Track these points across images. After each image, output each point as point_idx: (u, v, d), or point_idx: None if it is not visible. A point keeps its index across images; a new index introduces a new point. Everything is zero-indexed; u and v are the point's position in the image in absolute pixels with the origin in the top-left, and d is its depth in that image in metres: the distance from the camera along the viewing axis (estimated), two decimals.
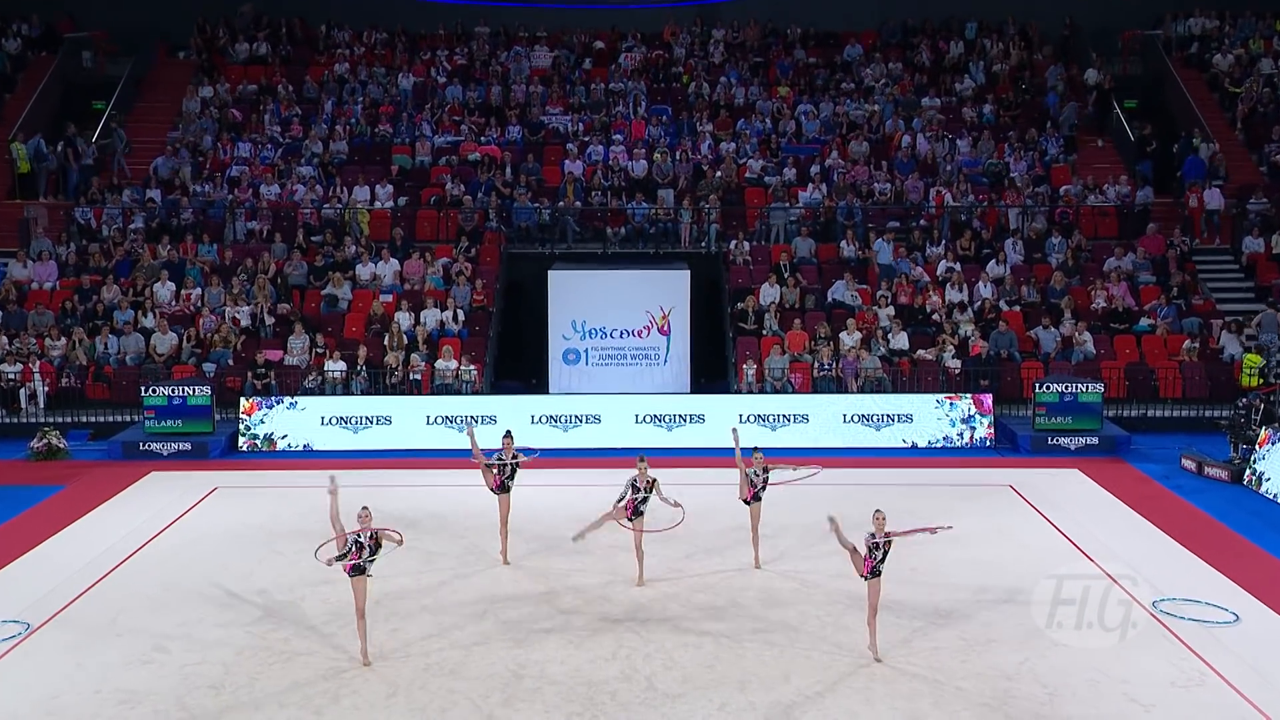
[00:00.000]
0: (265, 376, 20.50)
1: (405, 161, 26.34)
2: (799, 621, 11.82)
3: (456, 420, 19.49)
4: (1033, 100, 28.28)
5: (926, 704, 9.94)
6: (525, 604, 12.36)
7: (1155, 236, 24.09)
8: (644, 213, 24.62)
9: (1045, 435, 19.02)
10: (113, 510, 15.91)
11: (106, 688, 10.37)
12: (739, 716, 9.80)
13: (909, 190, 25.29)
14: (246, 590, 12.70)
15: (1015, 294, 22.66)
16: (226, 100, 28.06)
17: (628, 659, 10.96)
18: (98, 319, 21.92)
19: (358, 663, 10.78)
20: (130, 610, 12.16)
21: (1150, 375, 20.87)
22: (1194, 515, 15.54)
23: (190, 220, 24.63)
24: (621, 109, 28.01)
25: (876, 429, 19.52)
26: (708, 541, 14.36)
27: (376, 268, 23.33)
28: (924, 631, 11.50)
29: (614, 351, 21.72)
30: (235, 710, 9.95)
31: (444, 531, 14.85)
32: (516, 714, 9.86)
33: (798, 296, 22.64)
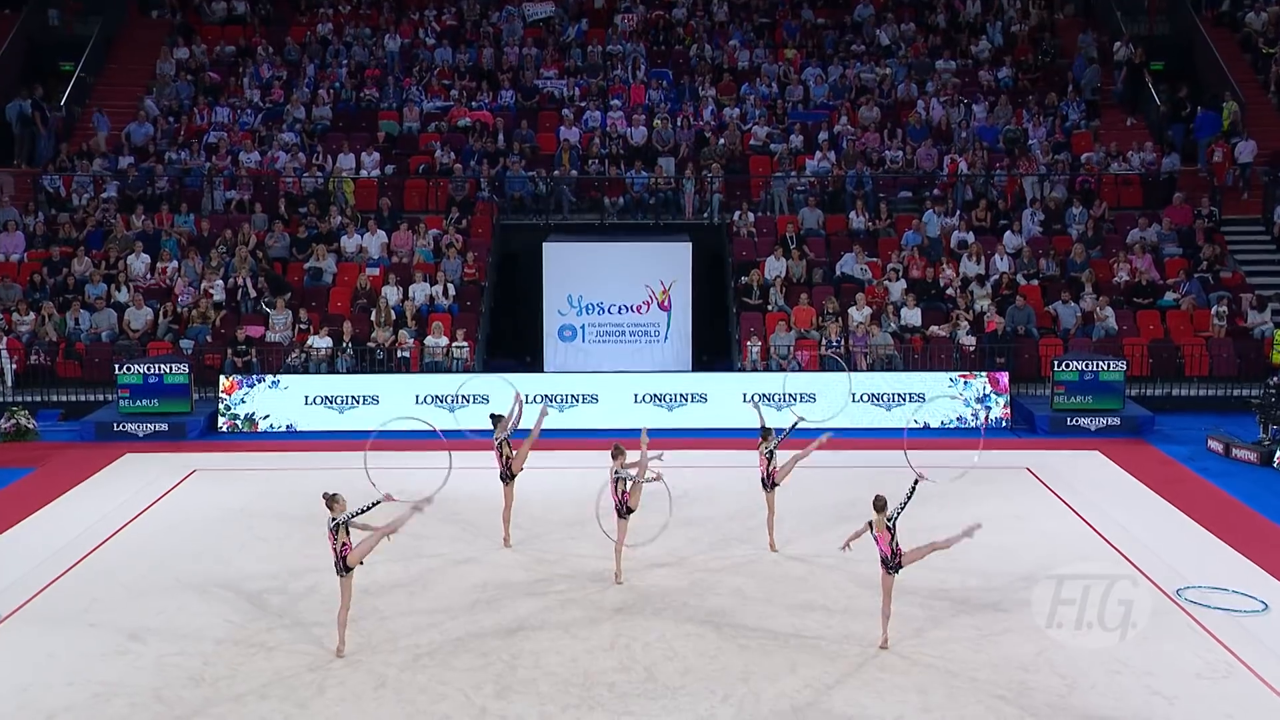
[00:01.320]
0: (246, 354, 20.47)
1: (392, 128, 26.24)
2: (806, 608, 11.82)
3: (447, 400, 19.46)
4: (1053, 63, 28.14)
5: (939, 696, 9.94)
6: (519, 591, 12.36)
7: (1182, 206, 24.01)
8: (643, 182, 24.54)
9: (1064, 415, 19.00)
10: (85, 494, 15.89)
11: (79, 679, 10.36)
12: (742, 709, 9.80)
13: (922, 158, 25.20)
14: (226, 578, 12.69)
15: (1033, 267, 22.61)
16: (203, 62, 27.94)
17: (626, 649, 10.96)
18: (68, 293, 21.85)
19: (342, 653, 10.76)
20: (104, 599, 12.15)
21: (1175, 352, 20.84)
22: (1221, 499, 15.53)
23: (166, 189, 24.54)
24: (620, 72, 27.87)
25: (887, 409, 19.50)
26: (711, 526, 14.36)
27: (363, 240, 23.26)
28: (937, 620, 11.51)
29: (612, 328, 21.68)
30: (215, 703, 9.95)
31: (434, 516, 14.78)
32: (510, 706, 9.86)
33: (804, 270, 22.59)
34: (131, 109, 26.61)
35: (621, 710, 9.81)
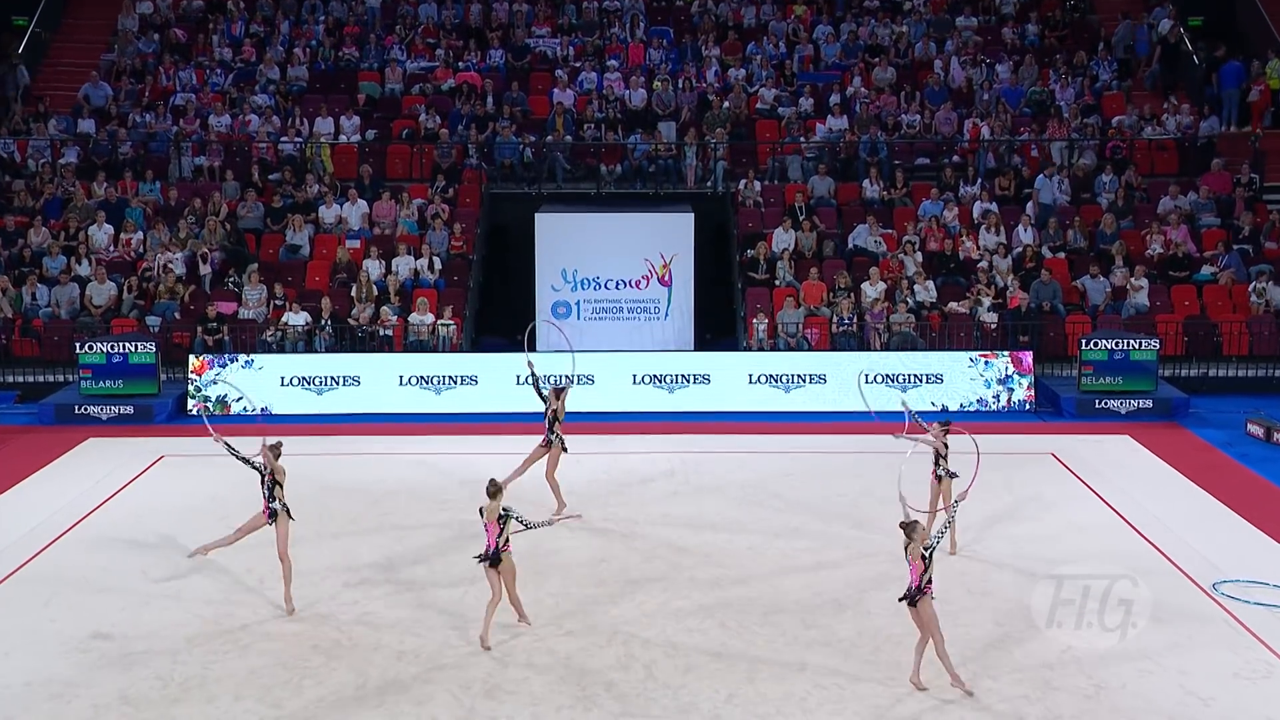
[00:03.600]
0: (217, 332, 20.45)
1: (373, 90, 26.15)
2: (814, 603, 11.85)
3: (433, 381, 19.46)
4: (1082, 19, 28.06)
5: (956, 692, 9.96)
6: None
7: (1220, 173, 23.96)
8: (643, 149, 24.48)
9: (1092, 398, 19.02)
10: (45, 481, 15.89)
11: (38, 678, 10.37)
12: (748, 708, 9.83)
13: (940, 122, 25.13)
14: (196, 570, 12.68)
15: (1060, 239, 22.59)
16: (169, 18, 27.82)
17: (624, 645, 10.98)
18: (24, 266, 21.81)
19: (322, 650, 10.79)
20: (65, 593, 12.16)
21: (1212, 330, 20.85)
22: (1261, 487, 15.56)
23: (129, 155, 24.48)
24: (617, 31, 27.77)
25: (903, 390, 19.48)
26: (713, 517, 14.38)
27: (342, 210, 23.22)
28: (955, 615, 11.51)
29: (609, 304, 21.67)
30: (184, 703, 9.97)
31: (418, 505, 14.87)
32: (500, 706, 9.89)
33: (814, 242, 22.56)
34: (91, 67, 26.49)
35: (619, 711, 9.83)
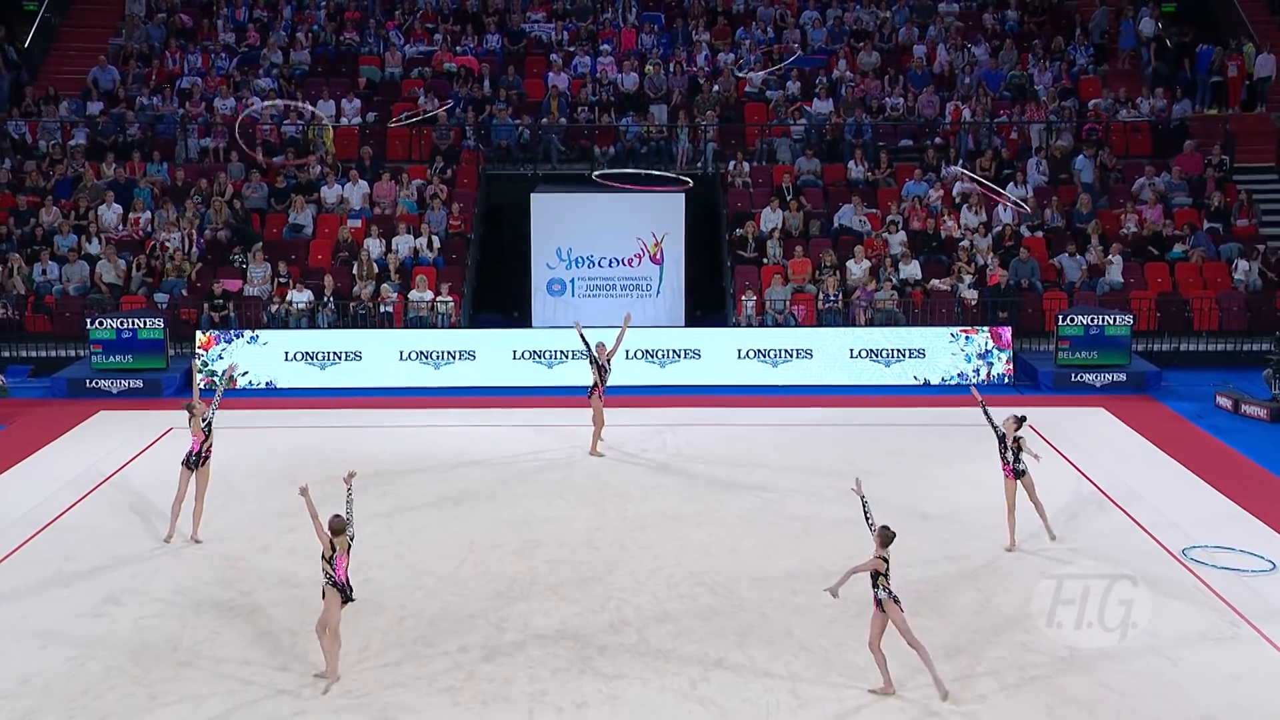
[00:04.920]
0: (223, 308, 20.38)
1: (374, 74, 26.00)
2: (801, 569, 11.86)
3: (432, 356, 19.43)
4: (1060, 5, 27.96)
5: (936, 655, 9.96)
6: (506, 551, 12.38)
7: (1192, 154, 23.92)
8: (635, 131, 24.38)
9: (1069, 371, 19.04)
10: (58, 452, 15.86)
11: (54, 642, 10.38)
12: (737, 672, 9.85)
13: (923, 105, 25.06)
14: (205, 538, 12.68)
15: (1038, 218, 22.56)
16: (175, 3, 27.63)
17: (618, 610, 10.99)
18: (36, 244, 21.70)
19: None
20: (78, 560, 12.15)
21: (1184, 306, 20.87)
22: (1229, 457, 15.60)
23: (137, 136, 24.33)
24: (610, 16, 27.63)
25: (886, 365, 19.51)
26: (703, 486, 14.38)
27: (343, 190, 23.12)
28: (937, 581, 11.56)
29: (602, 281, 21.62)
30: (193, 666, 9.98)
31: (419, 475, 14.85)
32: (498, 670, 9.90)
33: (801, 222, 22.51)
34: (100, 50, 26.30)
35: (613, 674, 9.84)
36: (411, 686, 9.65)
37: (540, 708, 9.34)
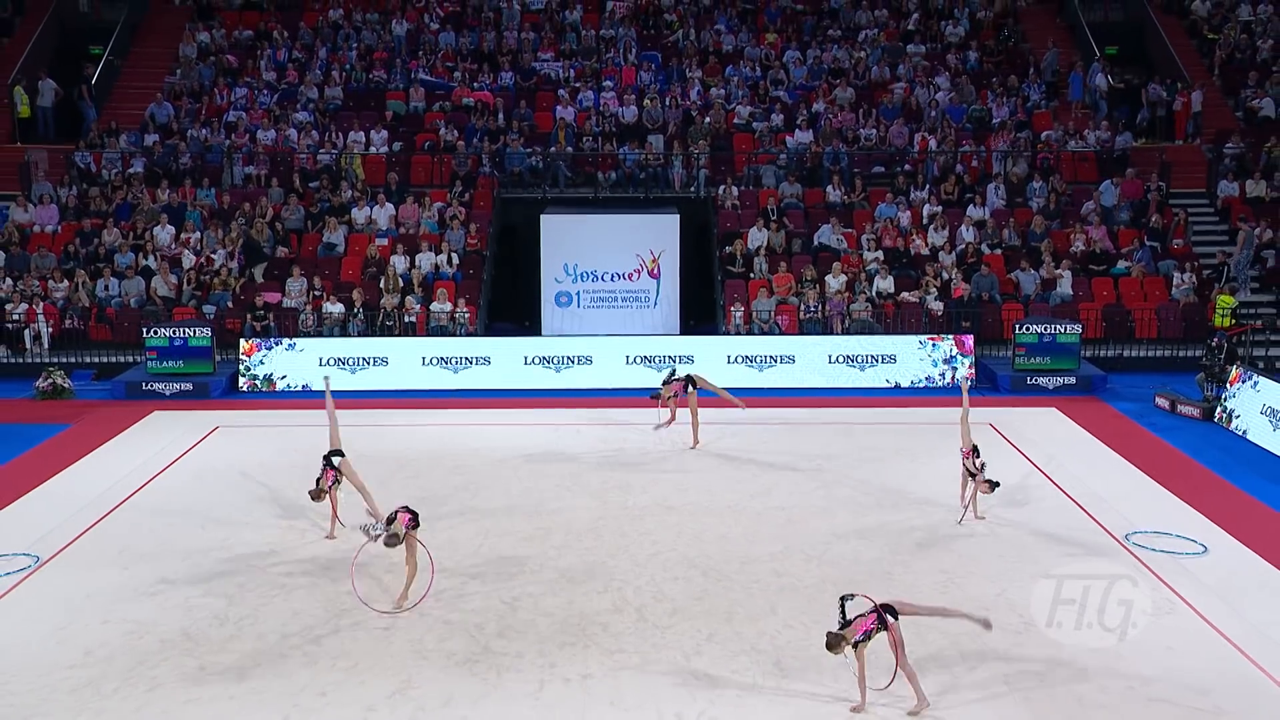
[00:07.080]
0: (264, 318, 20.39)
1: (399, 107, 26.03)
2: (785, 554, 11.87)
3: (451, 361, 19.46)
4: (1015, 46, 28.00)
5: (905, 633, 9.97)
6: (518, 538, 12.38)
7: (1134, 180, 23.95)
8: (634, 158, 24.41)
9: (1024, 375, 19.05)
10: (117, 448, 15.87)
11: (114, 618, 10.40)
12: (725, 646, 9.87)
13: (894, 136, 25.09)
14: (248, 526, 12.70)
15: (997, 237, 22.58)
16: (222, 45, 27.66)
17: (619, 591, 11.00)
18: (99, 261, 21.73)
19: (355, 596, 10.74)
20: (135, 545, 12.16)
21: (1126, 316, 20.88)
22: (1166, 452, 15.61)
23: (189, 165, 24.35)
24: (612, 55, 27.65)
25: (861, 369, 19.52)
26: (696, 480, 14.39)
27: (371, 212, 23.14)
28: (905, 563, 11.57)
29: (605, 294, 21.64)
30: (239, 639, 10.00)
31: (438, 469, 14.86)
32: (511, 644, 9.91)
33: (784, 240, 22.53)
34: (156, 89, 26.36)
35: (614, 648, 9.86)
36: (432, 658, 9.66)
37: (549, 678, 9.35)
